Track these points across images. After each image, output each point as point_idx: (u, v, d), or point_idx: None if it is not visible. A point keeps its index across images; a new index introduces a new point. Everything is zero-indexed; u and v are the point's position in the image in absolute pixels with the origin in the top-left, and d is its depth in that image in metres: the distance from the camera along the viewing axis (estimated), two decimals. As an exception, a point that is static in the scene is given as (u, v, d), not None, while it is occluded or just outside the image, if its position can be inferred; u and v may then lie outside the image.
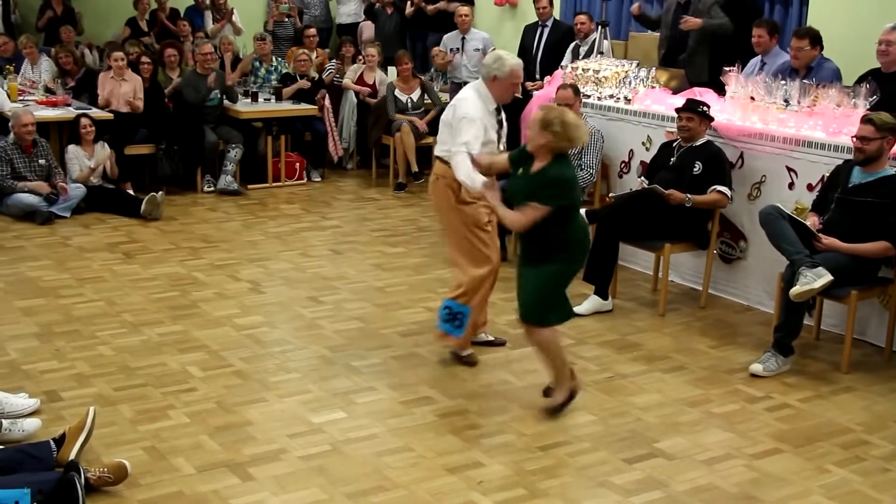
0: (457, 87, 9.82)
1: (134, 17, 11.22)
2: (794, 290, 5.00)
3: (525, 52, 9.70)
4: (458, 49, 10.21)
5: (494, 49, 9.91)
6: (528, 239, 4.54)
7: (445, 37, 10.38)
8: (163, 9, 11.34)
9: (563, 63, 8.52)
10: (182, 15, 11.51)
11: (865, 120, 5.19)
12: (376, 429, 4.43)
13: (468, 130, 4.82)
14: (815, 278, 4.97)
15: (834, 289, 5.07)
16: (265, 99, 9.60)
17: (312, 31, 10.70)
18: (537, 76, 9.30)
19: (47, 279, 6.41)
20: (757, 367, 5.17)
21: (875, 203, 5.16)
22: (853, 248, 5.15)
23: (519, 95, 5.29)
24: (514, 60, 5.02)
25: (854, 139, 5.23)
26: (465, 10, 10.24)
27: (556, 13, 10.07)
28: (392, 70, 10.02)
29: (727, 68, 6.52)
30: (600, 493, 3.95)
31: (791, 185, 5.96)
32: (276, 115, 9.39)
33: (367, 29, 11.63)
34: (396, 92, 9.54)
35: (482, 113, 4.90)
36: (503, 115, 5.09)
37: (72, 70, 9.56)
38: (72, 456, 3.89)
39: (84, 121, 8.26)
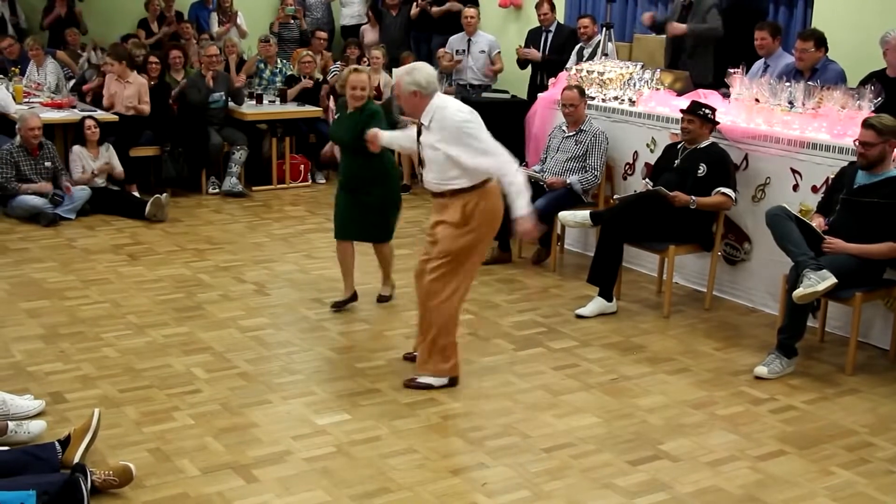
0: (462, 88, 9.82)
1: (145, 18, 11.22)
2: (798, 293, 4.99)
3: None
4: (464, 51, 10.19)
5: (498, 52, 10.00)
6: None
7: (451, 38, 10.34)
8: (168, 9, 11.32)
9: (567, 66, 8.53)
10: (186, 14, 11.49)
11: (867, 125, 5.15)
12: (380, 431, 4.43)
13: None
14: (819, 281, 4.96)
15: (838, 291, 5.06)
16: (270, 101, 9.61)
17: (323, 34, 10.72)
18: (541, 78, 9.32)
19: (52, 281, 6.43)
20: (761, 370, 5.16)
21: (880, 204, 5.14)
22: (860, 249, 5.13)
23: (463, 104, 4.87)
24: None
25: (856, 143, 5.21)
26: (471, 11, 10.21)
27: (561, 16, 10.08)
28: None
29: (731, 70, 6.52)
30: (604, 495, 3.95)
31: (795, 187, 5.95)
32: (281, 117, 9.41)
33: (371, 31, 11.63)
34: (401, 94, 9.53)
35: None
36: (422, 131, 4.85)
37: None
38: (77, 457, 3.90)
39: (88, 122, 8.28)
